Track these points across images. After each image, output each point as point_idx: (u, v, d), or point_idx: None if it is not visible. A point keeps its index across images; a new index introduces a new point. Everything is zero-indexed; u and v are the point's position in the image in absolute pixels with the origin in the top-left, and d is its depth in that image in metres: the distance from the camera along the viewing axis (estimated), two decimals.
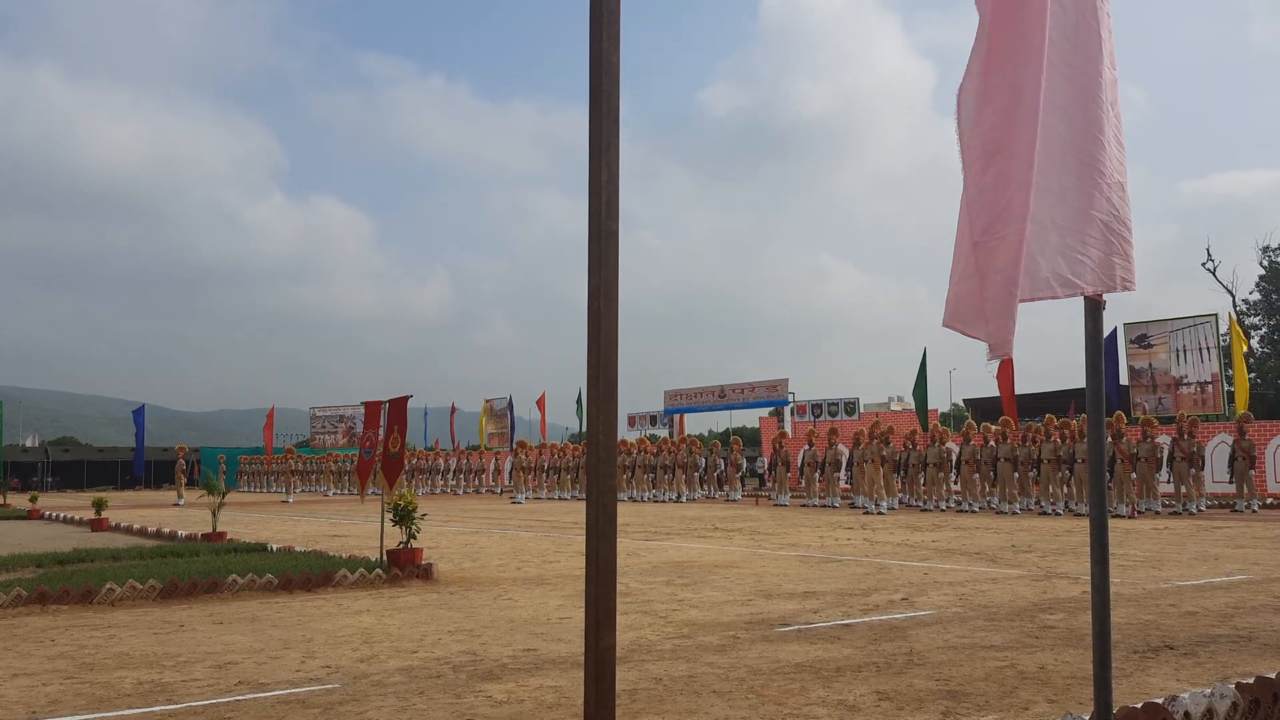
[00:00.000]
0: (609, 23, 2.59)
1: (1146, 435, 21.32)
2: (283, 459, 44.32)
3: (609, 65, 2.59)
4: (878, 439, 23.88)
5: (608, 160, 2.57)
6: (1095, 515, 3.35)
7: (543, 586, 9.80)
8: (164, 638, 7.23)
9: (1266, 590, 8.82)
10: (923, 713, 4.80)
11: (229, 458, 44.93)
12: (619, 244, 2.61)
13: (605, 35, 2.56)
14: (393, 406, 11.72)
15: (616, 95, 2.58)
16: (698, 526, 18.48)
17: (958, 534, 15.83)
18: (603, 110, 2.57)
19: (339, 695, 5.35)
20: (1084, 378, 3.52)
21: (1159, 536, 14.77)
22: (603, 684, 2.57)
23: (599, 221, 2.56)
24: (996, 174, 3.41)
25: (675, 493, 30.72)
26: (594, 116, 2.57)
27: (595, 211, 2.56)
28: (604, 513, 2.56)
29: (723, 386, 41.54)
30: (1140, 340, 29.68)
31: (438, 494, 40.14)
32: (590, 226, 2.57)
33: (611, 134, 2.58)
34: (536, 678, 5.70)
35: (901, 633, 6.93)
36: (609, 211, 2.58)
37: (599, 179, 2.55)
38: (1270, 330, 52.76)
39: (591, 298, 2.56)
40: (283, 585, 9.68)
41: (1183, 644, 6.39)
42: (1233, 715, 4.32)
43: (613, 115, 2.60)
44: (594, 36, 2.56)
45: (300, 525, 20.81)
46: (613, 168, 2.59)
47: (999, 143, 3.41)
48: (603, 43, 2.56)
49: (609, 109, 2.58)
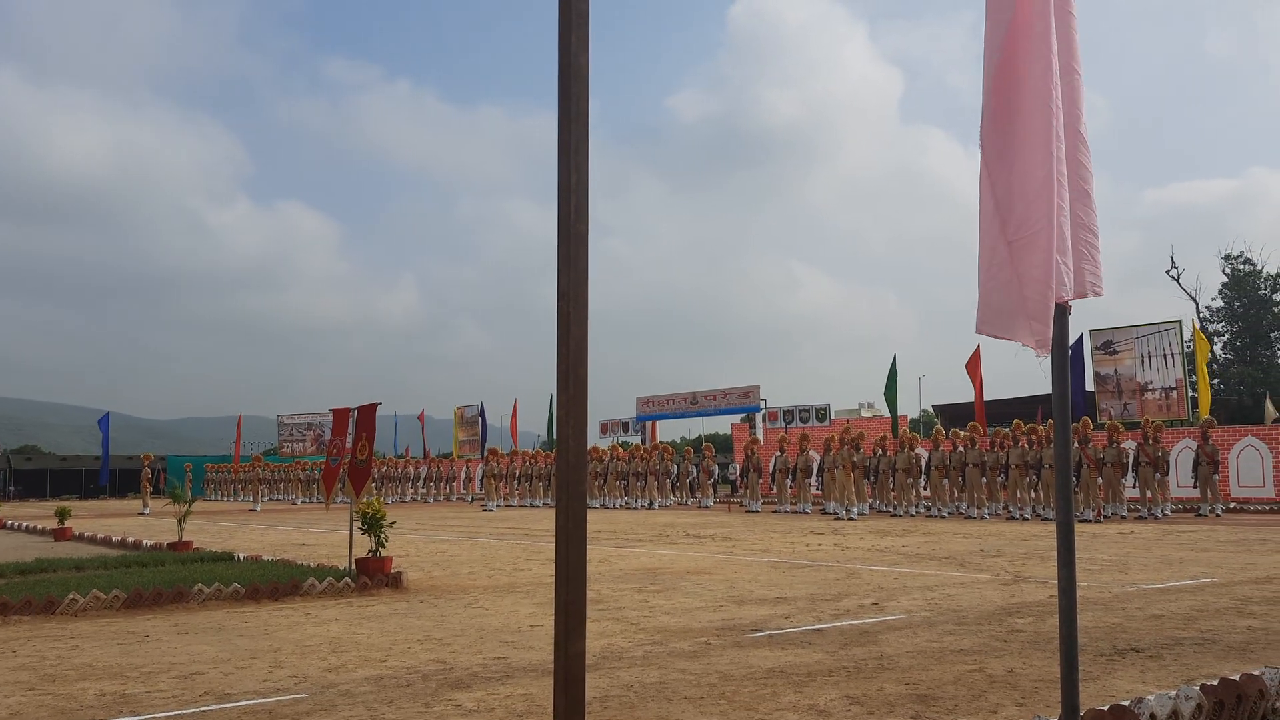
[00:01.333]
0: (578, 25, 2.58)
1: (1112, 440, 21.54)
2: (250, 467, 43.89)
3: (578, 67, 2.58)
4: (848, 445, 23.98)
5: (577, 163, 2.57)
6: (1062, 520, 3.38)
7: (514, 594, 9.75)
8: (128, 648, 7.13)
9: (1230, 593, 8.92)
10: (892, 717, 4.81)
11: (195, 466, 44.42)
12: (588, 247, 2.60)
13: (574, 37, 2.56)
14: (361, 414, 11.63)
15: (586, 97, 2.58)
16: (670, 533, 18.48)
17: (927, 539, 15.92)
18: (572, 113, 2.56)
19: (306, 705, 5.30)
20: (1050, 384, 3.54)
21: (1125, 541, 14.92)
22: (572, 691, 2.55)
23: (568, 224, 2.55)
24: (1021, 172, 3.42)
25: (647, 499, 30.70)
26: (563, 119, 2.56)
27: (564, 214, 2.55)
28: (574, 517, 2.55)
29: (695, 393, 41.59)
30: (1106, 346, 30.00)
31: (408, 502, 39.90)
32: (559, 229, 2.56)
33: (580, 136, 2.58)
34: (507, 686, 5.66)
35: (872, 637, 6.95)
36: (578, 215, 2.58)
37: (568, 182, 2.54)
38: (1233, 337, 53.51)
39: (561, 300, 2.55)
40: (250, 595, 9.58)
41: (1148, 647, 6.44)
42: (1197, 717, 4.36)
43: (582, 118, 2.59)
44: (563, 38, 2.56)
45: (268, 534, 20.61)
46: (582, 170, 2.59)
47: (1020, 139, 3.43)
48: (572, 44, 2.55)
49: (578, 111, 2.58)
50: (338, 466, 12.25)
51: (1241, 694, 4.54)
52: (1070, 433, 3.49)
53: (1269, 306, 52.51)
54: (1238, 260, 53.07)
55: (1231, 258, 53.25)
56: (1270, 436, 24.12)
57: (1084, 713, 4.04)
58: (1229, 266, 53.23)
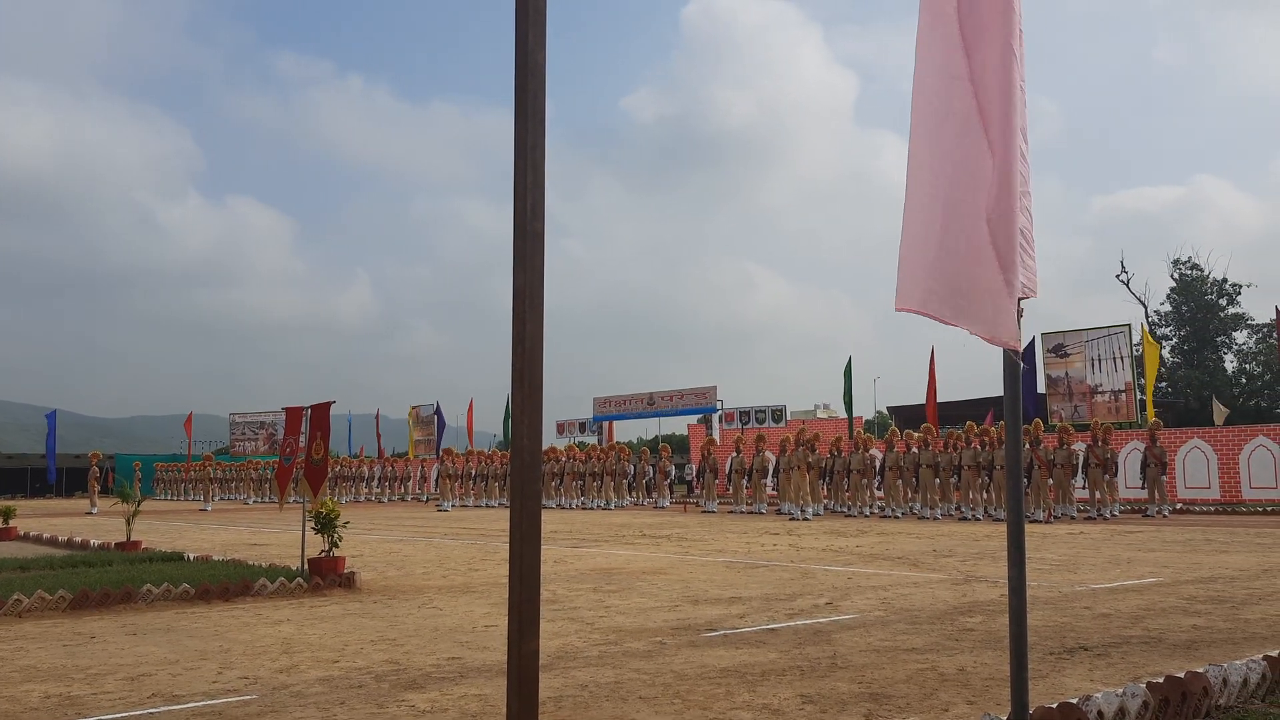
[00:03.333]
0: (535, 21, 2.57)
1: (1063, 442, 21.85)
2: (201, 466, 43.29)
3: (534, 65, 2.57)
4: (804, 446, 24.12)
5: (533, 161, 2.56)
6: (1012, 520, 3.41)
7: (468, 594, 9.70)
8: (74, 650, 7.00)
9: (1176, 592, 9.08)
10: (845, 715, 4.84)
11: (145, 465, 43.72)
12: (544, 246, 2.59)
13: (532, 34, 2.55)
14: (315, 412, 11.51)
15: (543, 95, 2.57)
16: (626, 533, 18.48)
17: (881, 539, 16.05)
18: (529, 110, 2.55)
19: (257, 706, 5.23)
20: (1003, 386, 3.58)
21: (1074, 541, 15.14)
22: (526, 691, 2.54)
23: (524, 222, 2.54)
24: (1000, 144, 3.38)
25: (604, 500, 30.68)
26: (519, 117, 2.55)
27: (520, 212, 2.54)
28: (528, 515, 2.54)
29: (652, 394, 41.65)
30: (1057, 350, 30.44)
31: (362, 502, 39.55)
32: (516, 227, 2.55)
33: (537, 135, 2.57)
34: (461, 686, 5.63)
35: (825, 637, 6.99)
36: (534, 213, 2.57)
37: (524, 180, 2.54)
38: (1180, 341, 54.53)
39: (516, 299, 2.54)
40: (199, 595, 9.44)
41: (1096, 645, 6.54)
42: (1144, 714, 4.43)
43: (538, 116, 2.58)
44: (520, 35, 2.55)
45: (219, 534, 20.34)
46: (538, 169, 2.58)
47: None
48: (529, 42, 2.54)
49: (535, 109, 2.57)
50: (291, 466, 12.12)
51: (1186, 691, 4.62)
52: (1021, 435, 3.53)
53: (1215, 311, 53.57)
54: (1185, 265, 54.09)
55: (1180, 263, 54.27)
56: (1215, 439, 24.61)
57: (1033, 710, 4.10)
58: (1177, 272, 54.24)
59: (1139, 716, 4.40)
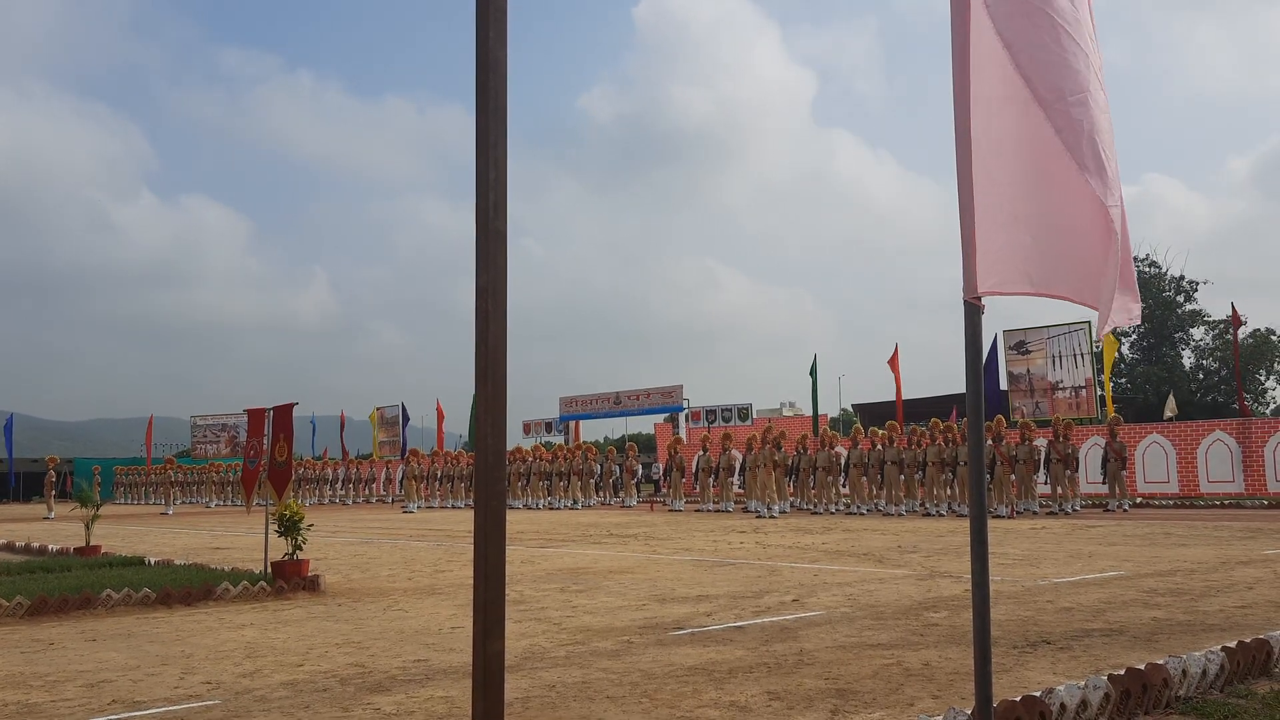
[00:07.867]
0: (496, 19, 2.56)
1: (1025, 438, 22.09)
2: (162, 469, 42.75)
3: (495, 62, 2.56)
4: (770, 444, 24.21)
5: (495, 159, 2.54)
6: (975, 515, 3.44)
7: (434, 596, 9.65)
8: (32, 656, 6.89)
9: (1136, 586, 9.20)
10: (812, 711, 4.86)
11: (104, 468, 43.14)
12: (507, 244, 2.58)
13: (493, 31, 2.53)
14: (277, 415, 11.41)
15: (504, 93, 2.56)
16: (593, 533, 18.46)
17: (846, 536, 16.14)
18: (490, 108, 2.54)
19: (220, 712, 5.17)
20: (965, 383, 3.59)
21: (1036, 535, 15.31)
22: (491, 691, 2.52)
23: (487, 220, 2.53)
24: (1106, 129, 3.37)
25: (571, 499, 30.63)
26: (481, 114, 2.53)
27: (483, 210, 2.53)
28: (493, 514, 2.52)
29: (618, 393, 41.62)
30: (1019, 347, 30.77)
31: (326, 504, 39.23)
32: (478, 226, 2.53)
33: (499, 132, 2.55)
34: (427, 688, 5.60)
35: (792, 633, 7.02)
36: (496, 211, 2.55)
37: (486, 178, 2.52)
38: (1140, 337, 55.31)
39: (480, 297, 2.52)
40: (161, 600, 9.32)
41: (1059, 639, 6.62)
42: (1105, 705, 4.48)
43: (500, 113, 2.57)
44: (481, 32, 2.53)
45: (180, 538, 20.09)
46: (500, 166, 2.56)
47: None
48: (490, 39, 2.53)
49: (496, 106, 2.55)
50: (256, 468, 11.99)
51: (1147, 683, 4.68)
52: (984, 431, 3.55)
53: (1173, 308, 54.42)
54: (1143, 263, 54.88)
55: (1137, 260, 55.05)
56: (1174, 434, 24.98)
57: (997, 703, 4.13)
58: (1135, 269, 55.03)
59: (1100, 708, 4.45)
